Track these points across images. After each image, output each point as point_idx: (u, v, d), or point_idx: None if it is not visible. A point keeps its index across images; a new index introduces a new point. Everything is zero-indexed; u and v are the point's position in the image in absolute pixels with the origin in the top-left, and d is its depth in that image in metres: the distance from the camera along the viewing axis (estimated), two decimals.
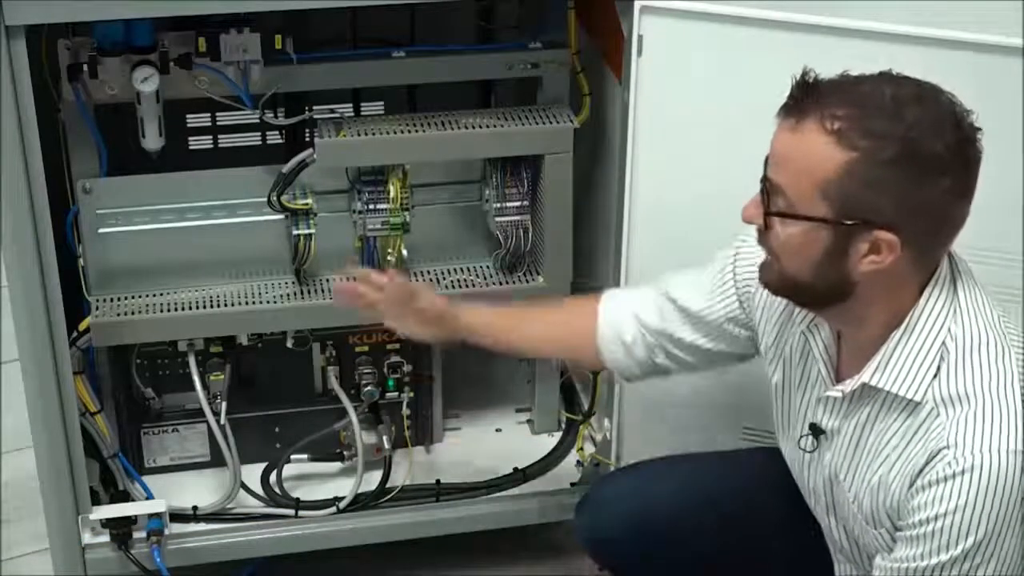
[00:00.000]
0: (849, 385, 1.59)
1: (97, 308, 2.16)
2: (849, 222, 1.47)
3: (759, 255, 1.64)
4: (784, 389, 1.74)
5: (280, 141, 2.27)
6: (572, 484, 2.37)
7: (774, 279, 1.58)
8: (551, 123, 2.18)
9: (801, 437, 1.70)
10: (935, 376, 1.52)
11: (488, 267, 2.30)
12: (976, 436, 1.48)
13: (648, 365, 1.87)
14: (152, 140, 2.10)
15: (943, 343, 1.53)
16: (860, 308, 1.55)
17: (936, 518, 1.49)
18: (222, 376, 2.23)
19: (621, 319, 1.87)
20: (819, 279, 1.52)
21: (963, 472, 1.47)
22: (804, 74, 1.49)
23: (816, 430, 1.68)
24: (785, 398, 1.74)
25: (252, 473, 2.31)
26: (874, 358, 1.56)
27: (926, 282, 1.54)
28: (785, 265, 1.54)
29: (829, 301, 1.56)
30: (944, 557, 1.50)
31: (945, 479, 1.48)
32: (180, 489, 2.32)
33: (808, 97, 1.47)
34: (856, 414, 1.61)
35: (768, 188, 1.52)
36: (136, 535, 2.19)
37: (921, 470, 1.51)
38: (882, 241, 1.47)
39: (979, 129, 1.48)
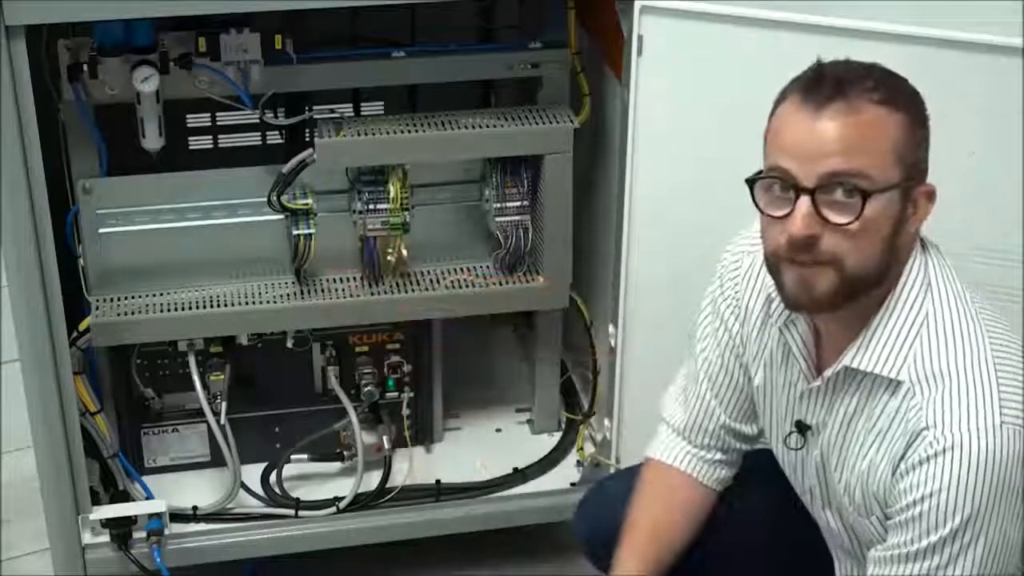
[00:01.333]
0: (830, 371, 1.60)
1: (97, 308, 2.16)
2: (910, 182, 1.50)
3: (739, 262, 1.65)
4: (767, 391, 1.74)
5: (280, 141, 2.27)
6: (572, 484, 2.37)
7: (831, 286, 1.51)
8: (551, 123, 2.18)
9: (788, 435, 1.71)
10: (912, 355, 1.54)
11: (488, 267, 2.30)
12: (953, 414, 1.49)
13: (736, 454, 1.86)
14: (152, 140, 2.10)
15: (922, 322, 1.54)
16: (876, 289, 1.54)
17: (921, 500, 1.50)
18: (222, 376, 2.23)
19: (685, 455, 1.86)
20: (883, 257, 1.51)
21: (944, 451, 1.48)
22: (821, 67, 1.51)
23: (802, 427, 1.68)
24: (769, 400, 1.74)
25: (252, 473, 2.31)
26: (853, 343, 1.57)
27: (902, 265, 1.56)
28: (856, 258, 1.50)
29: (874, 285, 1.54)
30: (933, 538, 1.51)
31: (926, 460, 1.49)
32: (180, 489, 2.32)
33: (842, 82, 1.48)
34: (841, 405, 1.62)
35: (839, 182, 1.47)
36: (136, 535, 2.20)
37: (903, 455, 1.53)
38: (922, 194, 1.52)
39: None
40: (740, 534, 1.87)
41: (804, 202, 1.48)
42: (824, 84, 1.48)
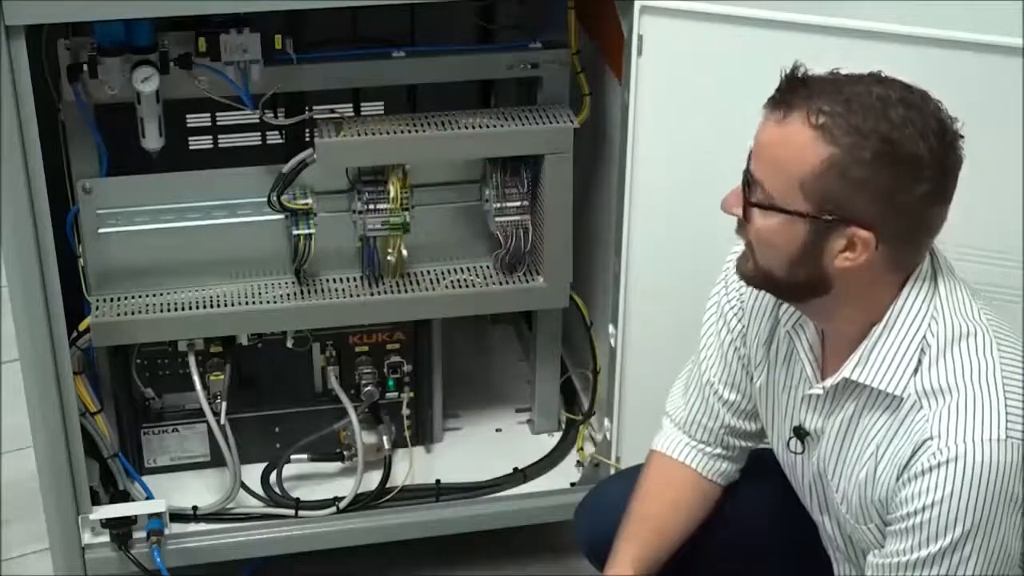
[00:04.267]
0: (830, 381, 1.60)
1: (97, 308, 2.16)
2: (827, 218, 1.47)
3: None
4: (769, 392, 1.74)
5: (280, 141, 2.27)
6: (572, 484, 2.37)
7: (750, 271, 1.58)
8: (551, 123, 2.18)
9: (788, 440, 1.71)
10: (916, 371, 1.53)
11: (488, 267, 2.30)
12: (959, 426, 1.49)
13: (739, 451, 1.85)
14: (152, 140, 2.10)
15: (923, 338, 1.54)
16: (836, 304, 1.55)
17: (923, 509, 1.50)
18: (222, 376, 2.23)
19: (688, 449, 1.85)
20: (793, 273, 1.53)
21: (947, 462, 1.48)
22: (794, 68, 1.50)
23: (800, 432, 1.68)
24: (771, 401, 1.74)
25: (252, 473, 2.31)
26: (854, 354, 1.57)
27: (905, 279, 1.55)
28: (760, 257, 1.55)
29: (804, 295, 1.57)
30: (933, 548, 1.51)
31: (930, 470, 1.49)
32: (180, 489, 2.32)
33: (796, 91, 1.48)
34: (839, 412, 1.62)
35: (749, 179, 1.52)
36: (136, 535, 2.19)
37: (907, 463, 1.52)
38: (858, 238, 1.48)
39: (962, 137, 1.48)
40: (745, 532, 1.87)
41: (741, 181, 1.54)
42: (784, 87, 1.49)
